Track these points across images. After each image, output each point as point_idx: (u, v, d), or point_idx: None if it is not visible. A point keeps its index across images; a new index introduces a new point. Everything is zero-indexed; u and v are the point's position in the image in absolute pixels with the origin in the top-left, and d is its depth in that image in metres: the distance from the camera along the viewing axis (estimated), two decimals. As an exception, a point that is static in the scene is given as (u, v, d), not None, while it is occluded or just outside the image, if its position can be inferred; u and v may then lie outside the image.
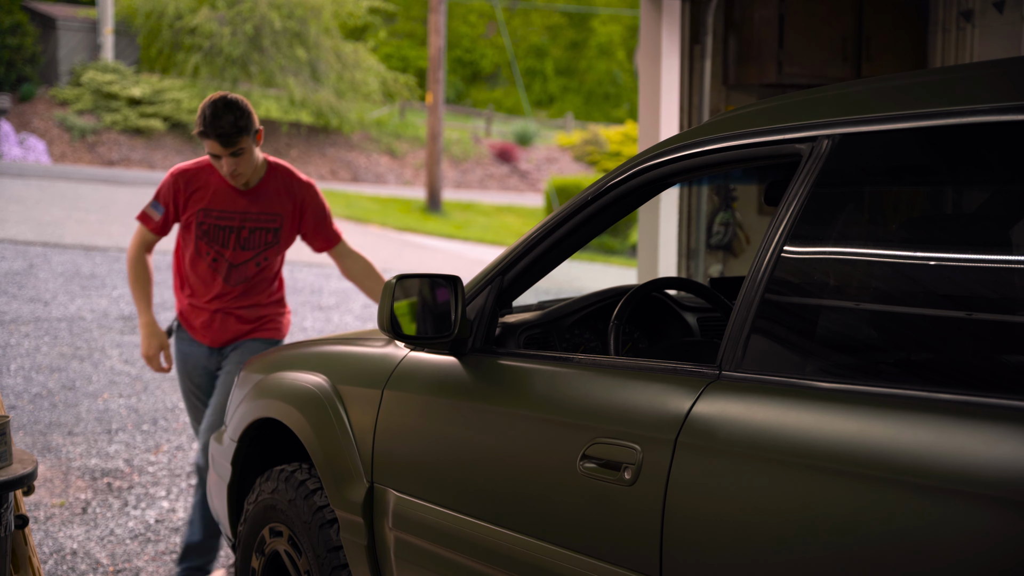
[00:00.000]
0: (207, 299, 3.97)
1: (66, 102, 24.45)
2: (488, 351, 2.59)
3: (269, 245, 3.94)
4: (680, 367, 2.11)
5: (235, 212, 3.89)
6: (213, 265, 3.93)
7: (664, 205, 5.88)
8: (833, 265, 2.00)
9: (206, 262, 3.92)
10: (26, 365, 7.56)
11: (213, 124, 3.69)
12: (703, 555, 1.91)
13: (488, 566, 2.39)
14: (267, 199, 3.91)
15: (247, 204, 3.89)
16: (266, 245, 3.94)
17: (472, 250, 17.12)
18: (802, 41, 5.39)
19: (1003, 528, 1.52)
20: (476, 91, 36.00)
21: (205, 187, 3.88)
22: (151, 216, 3.94)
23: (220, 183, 3.89)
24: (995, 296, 1.77)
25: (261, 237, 3.92)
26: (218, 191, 3.88)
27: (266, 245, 3.94)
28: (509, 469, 2.37)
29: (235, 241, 3.90)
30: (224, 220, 3.88)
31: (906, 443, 1.65)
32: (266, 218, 3.91)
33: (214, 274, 3.94)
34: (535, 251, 2.56)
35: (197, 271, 3.95)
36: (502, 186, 27.68)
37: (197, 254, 3.93)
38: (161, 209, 3.93)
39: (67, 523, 4.72)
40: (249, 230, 3.90)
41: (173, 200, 3.92)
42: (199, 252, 3.92)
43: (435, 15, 21.14)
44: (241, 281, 3.94)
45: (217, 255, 3.91)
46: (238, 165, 3.76)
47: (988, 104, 1.78)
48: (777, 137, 2.12)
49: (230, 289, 3.95)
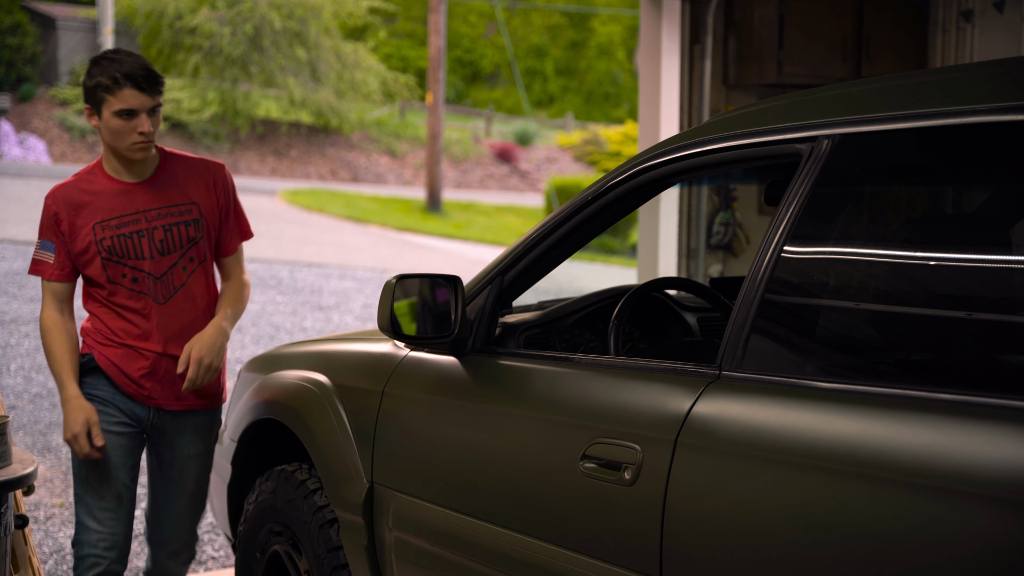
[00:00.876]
0: (147, 338, 3.14)
1: (66, 102, 24.45)
2: (488, 351, 2.59)
3: (193, 241, 3.15)
4: (680, 367, 2.11)
5: (137, 213, 3.08)
6: (134, 288, 3.10)
7: (664, 205, 5.88)
8: (833, 265, 2.00)
9: (125, 289, 3.10)
10: (26, 365, 7.56)
11: (129, 69, 2.95)
12: (703, 555, 1.91)
13: (488, 566, 2.39)
14: (171, 188, 3.13)
15: (147, 200, 3.10)
16: (190, 241, 3.14)
17: (472, 250, 17.12)
18: (802, 41, 5.39)
19: (1003, 528, 1.52)
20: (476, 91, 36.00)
21: (89, 198, 3.08)
22: (44, 260, 3.11)
23: (105, 187, 3.09)
24: (995, 296, 1.77)
25: (180, 234, 3.13)
26: (105, 196, 3.08)
27: (190, 241, 3.14)
28: (509, 469, 2.37)
29: (150, 247, 3.09)
30: (127, 226, 3.08)
31: (906, 443, 1.65)
32: (178, 210, 3.12)
33: (140, 298, 3.11)
34: (535, 251, 2.56)
35: (120, 307, 3.12)
36: (502, 186, 27.68)
37: (112, 282, 3.09)
38: (51, 246, 3.10)
39: (67, 523, 4.72)
40: (163, 228, 3.10)
41: (57, 229, 3.08)
42: (113, 279, 3.09)
43: (435, 15, 21.15)
44: (173, 293, 3.13)
45: (135, 273, 3.09)
46: (156, 126, 3.04)
47: (988, 104, 1.78)
48: (777, 137, 2.11)
49: (166, 310, 3.13)
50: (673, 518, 1.95)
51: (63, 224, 3.06)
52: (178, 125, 24.76)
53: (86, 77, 3.01)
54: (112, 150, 3.06)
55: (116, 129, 2.99)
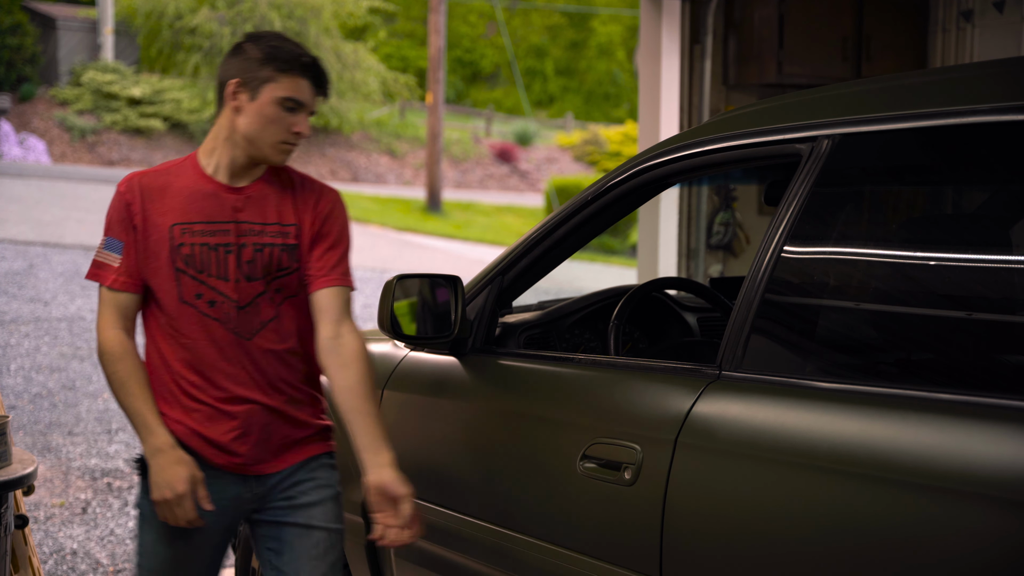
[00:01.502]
0: (225, 385, 2.40)
1: (66, 102, 24.44)
2: (488, 351, 2.59)
3: (284, 272, 2.43)
4: (680, 367, 2.11)
5: (227, 223, 2.41)
6: (209, 313, 2.39)
7: (664, 205, 5.88)
8: (833, 265, 2.00)
9: (196, 312, 2.39)
10: (26, 365, 7.56)
11: (309, 60, 2.42)
12: (703, 555, 1.91)
13: (488, 566, 2.39)
14: (271, 203, 2.45)
15: (242, 211, 2.43)
16: (279, 271, 2.43)
17: (472, 250, 17.12)
18: (802, 41, 5.39)
19: (1003, 528, 1.52)
20: (476, 91, 36.00)
21: (173, 192, 2.43)
22: (107, 263, 2.41)
23: (195, 183, 2.43)
24: (995, 296, 1.77)
25: (271, 257, 2.42)
26: (192, 194, 2.42)
27: (279, 271, 2.43)
28: (509, 469, 2.37)
29: (236, 267, 2.40)
30: (213, 235, 2.40)
31: (906, 443, 1.65)
32: (275, 229, 2.43)
33: (218, 328, 2.39)
34: (535, 251, 2.56)
35: (184, 336, 2.40)
36: (502, 186, 27.68)
37: (184, 302, 2.39)
38: (118, 245, 2.41)
39: (67, 523, 4.73)
40: (253, 248, 2.41)
41: (130, 223, 2.41)
42: (185, 297, 2.39)
43: (435, 15, 21.15)
44: (259, 329, 2.42)
45: (213, 295, 2.39)
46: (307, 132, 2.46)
47: (988, 104, 1.78)
48: (777, 137, 2.12)
49: (253, 348, 2.42)
50: (673, 518, 1.95)
51: (137, 217, 2.41)
52: (178, 125, 24.76)
53: (249, 48, 2.41)
54: (245, 142, 2.41)
55: (271, 118, 2.39)
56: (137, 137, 24.24)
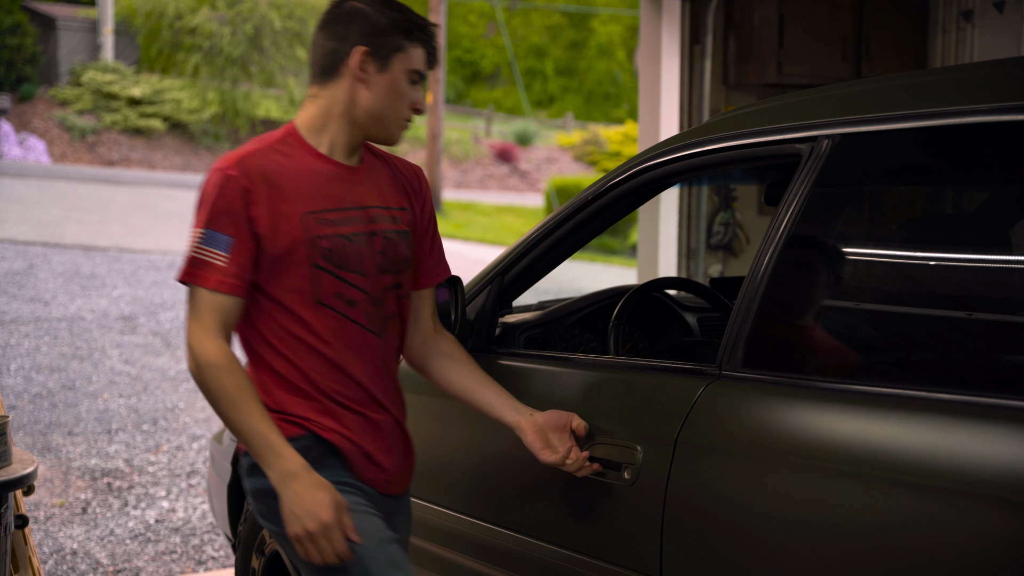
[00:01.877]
0: (371, 390, 2.16)
1: (66, 102, 24.44)
2: (488, 351, 2.59)
3: (406, 262, 2.21)
4: (680, 367, 2.11)
5: (356, 208, 2.14)
6: (348, 314, 2.10)
7: (664, 205, 5.88)
8: (833, 265, 2.01)
9: (335, 314, 2.10)
10: (26, 365, 7.56)
11: (425, 23, 2.16)
12: (703, 555, 1.91)
13: (488, 566, 2.39)
14: (384, 183, 2.21)
15: (367, 193, 2.17)
16: (403, 262, 2.20)
17: (472, 250, 17.11)
18: (802, 41, 5.39)
19: (1003, 528, 1.52)
20: (476, 91, 36.00)
21: (287, 173, 2.09)
22: (210, 262, 2.02)
23: (313, 164, 2.12)
24: (995, 296, 1.77)
25: (395, 247, 2.18)
26: (315, 177, 2.11)
27: (403, 262, 2.20)
28: (509, 469, 2.37)
29: (371, 257, 2.13)
30: (347, 224, 2.11)
31: (906, 443, 1.65)
32: (393, 214, 2.19)
33: (357, 331, 2.12)
34: (535, 251, 2.56)
35: (320, 341, 2.09)
36: (502, 186, 27.68)
37: (320, 303, 2.08)
38: (225, 241, 2.02)
39: (67, 523, 4.72)
40: (383, 236, 2.15)
41: (246, 215, 2.03)
42: (323, 298, 2.08)
43: (435, 15, 21.14)
44: (386, 327, 2.18)
45: (353, 293, 2.11)
46: None
47: (988, 104, 1.78)
48: (777, 137, 2.12)
49: (387, 347, 2.20)
50: (673, 518, 1.95)
51: (257, 207, 2.03)
52: (178, 125, 24.76)
53: (370, 11, 2.12)
54: (367, 119, 2.14)
55: (401, 92, 2.14)
56: (137, 137, 24.25)
